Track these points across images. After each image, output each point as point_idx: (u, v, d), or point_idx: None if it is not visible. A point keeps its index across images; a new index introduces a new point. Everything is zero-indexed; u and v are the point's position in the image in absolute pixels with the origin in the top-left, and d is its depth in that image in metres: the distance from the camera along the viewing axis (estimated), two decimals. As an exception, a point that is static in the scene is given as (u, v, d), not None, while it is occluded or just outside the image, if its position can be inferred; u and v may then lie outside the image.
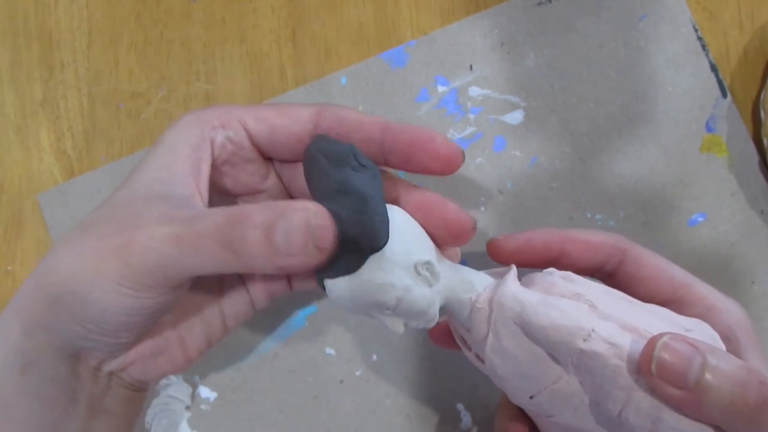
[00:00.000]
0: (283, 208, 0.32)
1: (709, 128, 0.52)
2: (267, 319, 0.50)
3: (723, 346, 0.37)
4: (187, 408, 0.49)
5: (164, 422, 0.49)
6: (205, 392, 0.50)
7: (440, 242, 0.38)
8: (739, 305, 0.39)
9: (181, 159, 0.37)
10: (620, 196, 0.52)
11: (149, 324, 0.36)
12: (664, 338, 0.33)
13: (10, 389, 0.35)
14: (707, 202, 0.52)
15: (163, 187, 0.36)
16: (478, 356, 0.38)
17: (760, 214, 0.51)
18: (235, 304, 0.41)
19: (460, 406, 0.50)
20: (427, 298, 0.35)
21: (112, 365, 0.37)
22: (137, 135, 0.53)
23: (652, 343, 0.33)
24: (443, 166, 0.38)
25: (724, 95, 0.52)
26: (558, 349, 0.35)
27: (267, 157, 0.42)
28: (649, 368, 0.32)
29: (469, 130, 0.52)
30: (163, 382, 0.50)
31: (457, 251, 0.40)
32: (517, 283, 0.37)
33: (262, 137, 0.40)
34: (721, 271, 0.51)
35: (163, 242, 0.32)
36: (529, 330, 0.35)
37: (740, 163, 0.52)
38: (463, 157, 0.38)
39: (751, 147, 0.52)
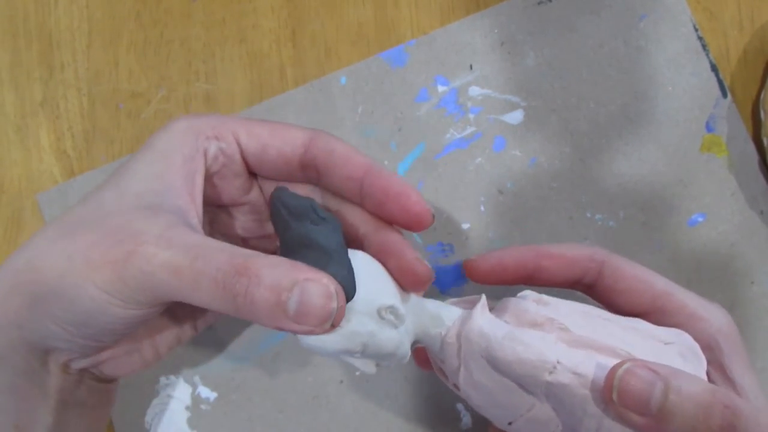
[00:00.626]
0: (295, 275, 0.31)
1: (709, 128, 0.52)
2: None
3: (702, 357, 0.37)
4: (187, 408, 0.49)
5: (164, 422, 0.49)
6: (205, 392, 0.50)
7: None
8: (724, 311, 0.39)
9: (174, 169, 0.36)
10: (620, 196, 0.52)
11: (130, 331, 0.36)
12: (625, 366, 0.33)
13: None
14: (707, 202, 0.52)
15: (156, 197, 0.35)
16: (455, 385, 0.39)
17: (759, 214, 0.51)
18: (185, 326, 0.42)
19: (460, 406, 0.50)
20: (394, 340, 0.36)
21: (82, 363, 0.37)
22: (137, 135, 0.53)
23: (612, 372, 0.33)
24: (411, 223, 0.38)
25: (725, 95, 0.52)
26: (526, 382, 0.35)
27: (252, 172, 0.42)
28: (611, 397, 0.33)
29: (469, 129, 0.52)
30: (163, 382, 0.50)
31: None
32: (485, 314, 0.38)
33: (253, 154, 0.39)
34: (720, 272, 0.51)
35: (161, 269, 0.32)
36: (495, 365, 0.36)
37: (740, 163, 0.52)
38: (433, 219, 0.38)
39: (751, 147, 0.52)
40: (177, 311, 0.41)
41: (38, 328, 0.34)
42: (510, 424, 0.37)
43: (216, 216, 0.42)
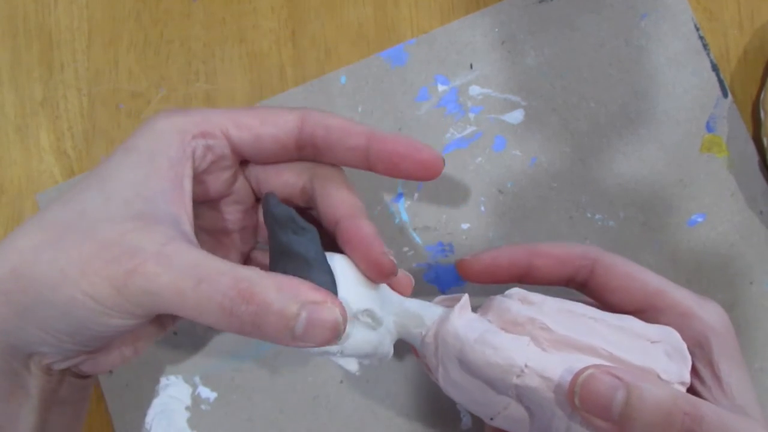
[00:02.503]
0: (302, 298, 0.32)
1: (709, 128, 0.52)
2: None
3: (688, 356, 0.37)
4: (187, 408, 0.50)
5: (164, 422, 0.49)
6: (205, 392, 0.50)
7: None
8: (719, 309, 0.39)
9: (161, 173, 0.36)
10: (620, 196, 0.51)
11: (120, 335, 0.36)
12: (588, 371, 0.34)
13: None
14: (707, 203, 0.52)
15: (146, 205, 0.35)
16: (437, 382, 0.40)
17: (759, 214, 0.51)
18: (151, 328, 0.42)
19: (460, 406, 0.50)
20: (372, 341, 0.37)
21: (64, 365, 0.37)
22: None
23: (576, 377, 0.34)
24: (427, 174, 0.40)
25: (725, 95, 0.52)
26: (496, 385, 0.36)
27: (241, 161, 0.42)
28: (575, 401, 0.34)
29: (470, 129, 0.52)
30: (163, 382, 0.50)
31: (409, 281, 0.41)
32: (463, 315, 0.38)
33: (246, 145, 0.39)
34: (720, 272, 0.51)
35: (164, 290, 0.32)
36: (467, 367, 0.37)
37: (740, 164, 0.52)
38: (444, 164, 0.40)
39: (752, 147, 0.52)
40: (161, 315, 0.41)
41: (25, 336, 0.34)
42: (492, 419, 0.38)
43: (201, 212, 0.42)
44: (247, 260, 0.45)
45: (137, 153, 0.36)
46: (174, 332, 0.50)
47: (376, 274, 0.38)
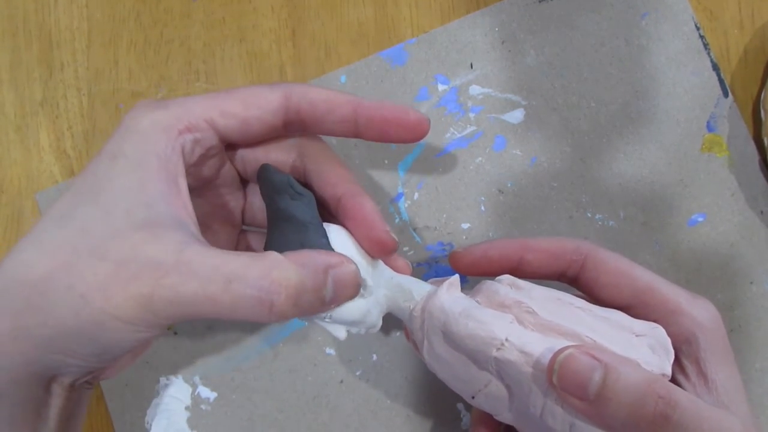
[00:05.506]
0: (323, 268, 0.35)
1: (710, 128, 0.52)
2: (267, 319, 0.50)
3: (671, 351, 0.37)
4: (187, 408, 0.49)
5: (164, 422, 0.49)
6: (205, 392, 0.50)
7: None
8: (710, 307, 0.39)
9: (155, 176, 0.35)
10: (620, 196, 0.51)
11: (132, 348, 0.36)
12: (568, 350, 0.34)
13: None
14: (707, 202, 0.52)
15: (148, 212, 0.34)
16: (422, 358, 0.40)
17: (759, 214, 0.51)
18: None
19: (460, 406, 0.50)
20: (361, 308, 0.38)
21: (85, 379, 0.37)
22: None
23: (555, 355, 0.34)
24: (415, 136, 0.41)
25: (726, 94, 0.52)
26: (477, 358, 0.37)
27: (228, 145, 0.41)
28: (553, 380, 0.34)
29: (470, 129, 0.52)
30: (163, 382, 0.50)
31: (407, 264, 0.42)
32: (451, 292, 0.39)
33: (233, 132, 0.38)
34: (720, 272, 0.51)
35: (193, 298, 0.32)
36: (450, 339, 0.37)
37: (741, 164, 0.52)
38: (429, 123, 0.41)
39: (752, 147, 0.52)
40: None
41: (48, 363, 0.33)
42: (473, 398, 0.38)
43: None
44: (238, 243, 0.45)
45: (125, 158, 0.35)
46: (174, 332, 0.50)
47: (379, 250, 0.39)
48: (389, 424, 0.50)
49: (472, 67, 0.53)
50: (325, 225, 0.39)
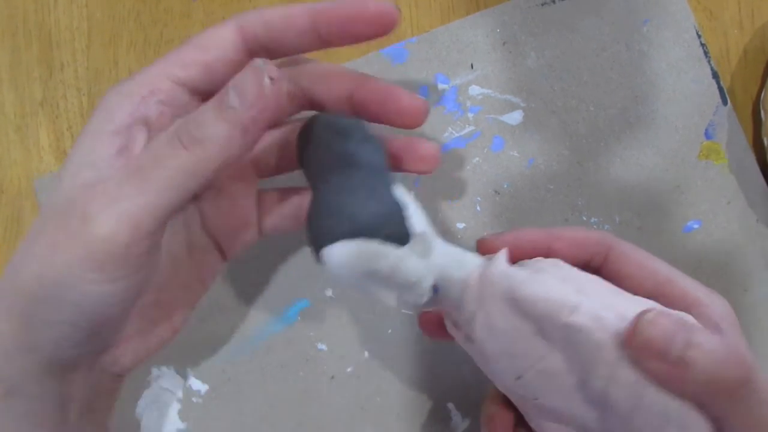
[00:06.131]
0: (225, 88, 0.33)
1: (708, 135, 0.52)
2: (259, 313, 0.51)
3: None
4: (178, 400, 0.50)
5: (155, 414, 0.49)
6: (197, 384, 0.50)
7: (399, 125, 0.40)
8: (724, 300, 0.39)
9: (104, 141, 0.34)
10: (616, 201, 0.52)
11: (127, 311, 0.35)
12: (652, 313, 0.33)
13: None
14: (703, 210, 0.52)
15: (95, 172, 0.33)
16: (468, 336, 0.38)
17: (755, 223, 0.51)
18: (207, 262, 0.42)
19: (450, 405, 0.50)
20: (420, 270, 0.36)
21: (103, 362, 0.36)
22: None
23: (639, 316, 0.33)
24: (383, 29, 0.37)
25: (725, 103, 0.52)
26: (544, 323, 0.35)
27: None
28: (635, 341, 0.33)
29: (468, 129, 0.52)
30: (155, 373, 0.50)
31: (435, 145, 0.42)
32: (507, 262, 0.37)
33: (199, 81, 0.36)
34: (714, 279, 0.51)
35: (124, 180, 0.32)
36: (517, 304, 0.36)
37: (738, 172, 0.52)
38: (397, 12, 0.37)
39: (750, 155, 0.52)
40: (180, 274, 0.40)
41: (45, 345, 0.33)
42: (518, 378, 0.36)
43: None
44: (259, 201, 0.44)
45: (83, 133, 0.35)
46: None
47: (413, 115, 0.39)
48: (379, 422, 0.50)
49: (472, 67, 0.53)
50: None
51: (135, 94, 0.35)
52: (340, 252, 0.35)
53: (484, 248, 0.42)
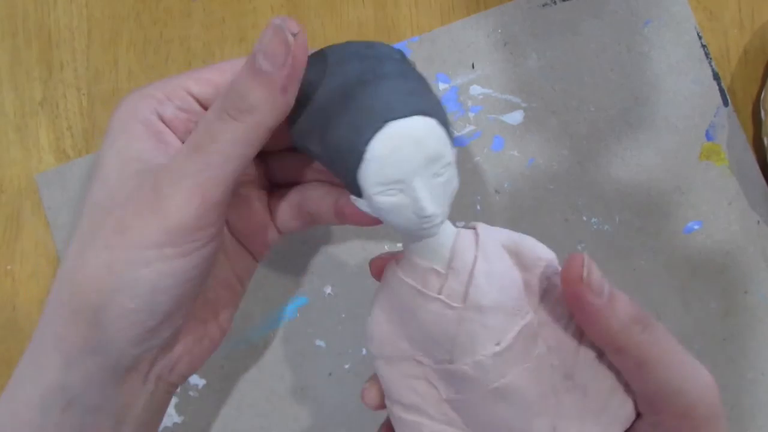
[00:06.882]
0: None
1: (708, 136, 0.52)
2: (259, 310, 0.51)
3: None
4: (175, 393, 0.50)
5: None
6: (194, 378, 0.50)
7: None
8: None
9: (138, 136, 0.35)
10: (616, 201, 0.52)
11: (193, 293, 0.36)
12: (585, 256, 0.33)
13: (51, 429, 0.34)
14: (704, 210, 0.51)
15: (141, 164, 0.35)
16: (446, 300, 0.35)
17: (756, 224, 0.51)
18: (240, 263, 0.43)
19: (446, 403, 0.50)
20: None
21: (160, 367, 0.37)
22: None
23: (580, 257, 0.33)
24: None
25: (726, 104, 0.52)
26: (537, 272, 0.35)
27: None
28: (582, 275, 0.33)
29: (469, 128, 0.53)
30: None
31: None
32: None
33: (209, 98, 0.38)
34: (714, 280, 0.51)
35: (188, 157, 0.33)
36: (516, 247, 0.36)
37: (738, 173, 0.52)
38: None
39: (750, 156, 0.52)
40: (222, 275, 0.41)
41: (109, 342, 0.34)
42: (497, 344, 0.34)
43: None
44: (270, 205, 0.44)
45: (111, 131, 0.36)
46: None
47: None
48: (375, 419, 0.50)
49: (473, 67, 0.53)
50: None
51: (152, 97, 0.36)
52: (426, 125, 0.33)
53: None
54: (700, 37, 0.53)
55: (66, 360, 0.34)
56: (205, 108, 0.38)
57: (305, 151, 0.36)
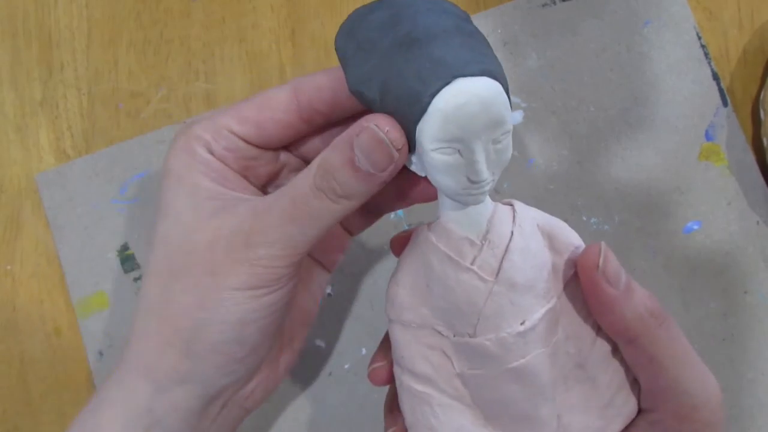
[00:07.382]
0: (348, 139, 0.33)
1: (708, 136, 0.52)
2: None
3: None
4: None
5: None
6: (196, 380, 0.51)
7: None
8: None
9: (203, 176, 0.37)
10: (616, 201, 0.52)
11: (278, 323, 0.37)
12: (603, 245, 0.34)
13: None
14: (703, 210, 0.51)
15: (216, 203, 0.37)
16: (478, 272, 0.34)
17: (755, 224, 0.51)
18: (313, 278, 0.43)
19: (446, 403, 0.50)
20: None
21: (240, 394, 0.38)
22: (137, 134, 0.53)
23: (597, 246, 0.34)
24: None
25: (725, 104, 0.52)
26: (566, 257, 0.35)
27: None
28: (598, 263, 0.33)
29: (469, 129, 0.52)
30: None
31: None
32: None
33: (252, 136, 0.39)
34: (714, 280, 0.51)
35: (283, 221, 0.34)
36: (550, 230, 0.36)
37: (738, 173, 0.52)
38: None
39: (750, 156, 0.52)
40: (299, 300, 0.42)
41: (200, 372, 0.35)
42: (522, 324, 0.34)
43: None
44: None
45: (171, 174, 0.38)
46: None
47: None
48: (375, 419, 0.50)
49: (473, 68, 0.53)
50: None
51: (201, 139, 0.38)
52: (495, 88, 0.32)
53: None
54: (699, 37, 0.52)
55: (156, 387, 0.35)
56: (250, 143, 0.39)
57: (359, 97, 0.34)
